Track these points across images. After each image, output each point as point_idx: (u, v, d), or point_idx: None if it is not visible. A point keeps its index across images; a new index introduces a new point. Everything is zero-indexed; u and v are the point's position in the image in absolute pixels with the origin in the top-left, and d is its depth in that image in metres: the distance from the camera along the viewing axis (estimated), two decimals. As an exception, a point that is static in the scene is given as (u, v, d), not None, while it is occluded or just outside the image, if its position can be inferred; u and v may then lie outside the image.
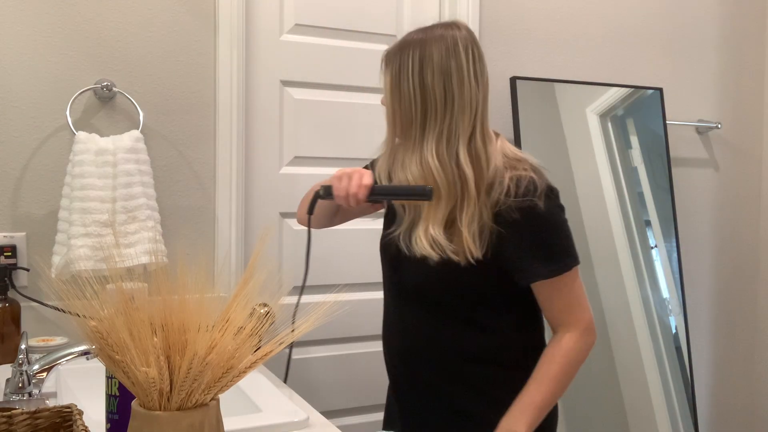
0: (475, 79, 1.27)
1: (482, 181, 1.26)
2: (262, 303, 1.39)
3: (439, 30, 1.29)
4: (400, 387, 1.45)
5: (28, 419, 0.90)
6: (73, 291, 0.79)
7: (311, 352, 2.02)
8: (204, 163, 1.87)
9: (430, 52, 1.26)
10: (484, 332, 1.33)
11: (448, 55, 1.26)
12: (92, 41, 1.74)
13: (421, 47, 1.27)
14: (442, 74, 1.25)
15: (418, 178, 1.27)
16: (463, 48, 1.27)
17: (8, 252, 1.65)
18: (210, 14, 1.86)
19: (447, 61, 1.25)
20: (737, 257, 2.70)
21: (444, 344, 1.35)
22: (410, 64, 1.27)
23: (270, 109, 1.98)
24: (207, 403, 0.80)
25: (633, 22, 2.45)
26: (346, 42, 2.06)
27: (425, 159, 1.26)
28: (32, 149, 1.70)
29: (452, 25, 1.31)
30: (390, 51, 1.32)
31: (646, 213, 2.38)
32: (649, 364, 2.31)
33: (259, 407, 1.32)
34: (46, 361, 1.26)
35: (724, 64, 2.63)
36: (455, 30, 1.29)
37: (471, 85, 1.26)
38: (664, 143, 2.42)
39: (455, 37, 1.27)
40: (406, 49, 1.28)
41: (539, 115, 2.23)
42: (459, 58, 1.26)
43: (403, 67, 1.27)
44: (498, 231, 1.25)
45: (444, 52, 1.26)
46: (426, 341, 1.36)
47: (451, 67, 1.25)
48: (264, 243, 1.93)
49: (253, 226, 1.95)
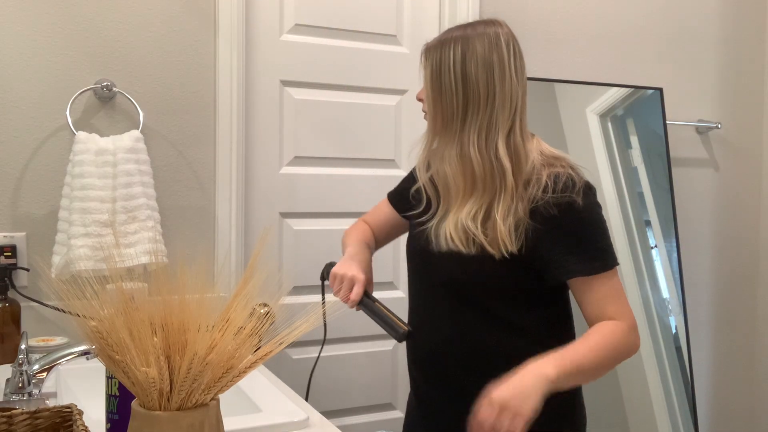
0: (516, 74, 1.30)
1: (520, 175, 1.27)
2: (262, 303, 1.38)
3: (481, 27, 1.31)
4: (423, 388, 1.43)
5: (28, 419, 0.90)
6: (73, 291, 0.79)
7: (311, 352, 2.02)
8: (204, 163, 1.87)
9: (473, 46, 1.28)
10: (514, 331, 1.31)
11: (491, 49, 1.28)
12: (92, 41, 1.74)
13: (464, 42, 1.29)
14: (485, 67, 1.27)
15: (457, 169, 1.29)
16: (505, 43, 1.29)
17: (8, 252, 1.65)
18: (210, 14, 1.86)
19: (490, 54, 1.28)
20: (737, 257, 2.70)
21: (473, 342, 1.33)
22: (452, 57, 1.29)
23: (270, 109, 1.98)
24: (207, 403, 0.80)
25: (633, 22, 2.45)
26: (346, 42, 2.06)
27: (465, 151, 1.28)
28: (32, 149, 1.70)
29: (494, 22, 1.33)
30: (430, 45, 1.34)
31: (646, 213, 2.38)
32: (649, 364, 2.31)
33: (259, 407, 1.32)
34: (46, 361, 1.26)
35: (724, 64, 2.63)
36: (497, 27, 1.31)
37: (512, 79, 1.29)
38: (664, 143, 2.42)
39: (497, 32, 1.30)
40: (448, 43, 1.30)
41: (539, 115, 2.23)
42: (501, 52, 1.28)
43: (444, 60, 1.29)
44: (534, 227, 1.24)
45: (487, 46, 1.28)
46: (455, 338, 1.34)
47: (494, 61, 1.27)
48: (264, 243, 1.93)
49: (253, 226, 1.95)
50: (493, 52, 1.28)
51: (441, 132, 1.32)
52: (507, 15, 2.26)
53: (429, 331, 1.39)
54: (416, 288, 1.43)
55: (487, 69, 1.27)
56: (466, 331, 1.33)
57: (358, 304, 1.37)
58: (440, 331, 1.37)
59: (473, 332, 1.33)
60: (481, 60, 1.27)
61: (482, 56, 1.27)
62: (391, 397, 2.11)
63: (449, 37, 1.31)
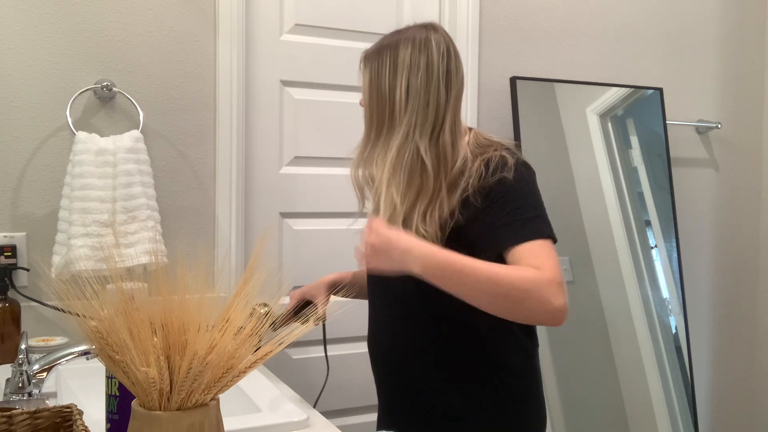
0: (446, 75, 1.30)
1: (446, 173, 1.27)
2: (262, 303, 1.39)
3: (411, 31, 1.33)
4: (384, 391, 1.44)
5: (28, 419, 0.90)
6: (73, 291, 0.79)
7: (311, 352, 2.02)
8: (204, 163, 1.87)
9: (402, 50, 1.30)
10: (465, 330, 1.31)
11: (418, 53, 1.29)
12: (92, 41, 1.74)
13: (393, 48, 1.31)
14: (410, 70, 1.29)
15: (387, 172, 1.29)
16: (435, 45, 1.30)
17: (8, 252, 1.65)
18: (210, 14, 1.86)
19: (416, 58, 1.29)
20: (737, 257, 2.70)
21: (426, 343, 1.34)
22: (384, 64, 1.31)
23: (270, 109, 1.98)
24: (207, 403, 0.80)
25: (633, 21, 2.45)
26: (346, 42, 2.06)
27: (390, 154, 1.29)
28: (32, 149, 1.70)
29: (427, 26, 1.34)
30: (368, 53, 1.36)
31: (646, 213, 2.38)
32: (649, 364, 2.31)
33: (259, 407, 1.32)
34: (46, 361, 1.26)
35: (724, 64, 2.63)
36: (430, 31, 1.32)
37: (439, 82, 1.29)
38: (664, 143, 2.42)
39: (428, 36, 1.31)
40: (384, 50, 1.32)
41: (539, 115, 2.23)
42: (430, 54, 1.29)
43: (378, 67, 1.32)
44: (467, 215, 1.25)
45: (414, 50, 1.29)
46: (408, 340, 1.36)
47: (420, 64, 1.29)
48: (264, 243, 1.93)
49: (253, 226, 1.95)
50: (421, 56, 1.29)
51: (374, 139, 1.34)
52: (507, 15, 2.26)
53: (387, 334, 1.41)
54: (372, 291, 1.45)
55: (410, 72, 1.28)
56: (420, 332, 1.34)
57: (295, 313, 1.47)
58: (396, 334, 1.38)
59: (426, 333, 1.34)
60: (407, 65, 1.29)
61: (408, 61, 1.29)
62: (391, 397, 2.11)
63: (383, 45, 1.33)
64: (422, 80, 1.28)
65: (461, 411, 1.32)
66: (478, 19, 2.18)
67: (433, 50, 1.29)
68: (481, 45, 2.20)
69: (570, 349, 2.18)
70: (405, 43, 1.30)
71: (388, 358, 1.41)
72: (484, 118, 2.20)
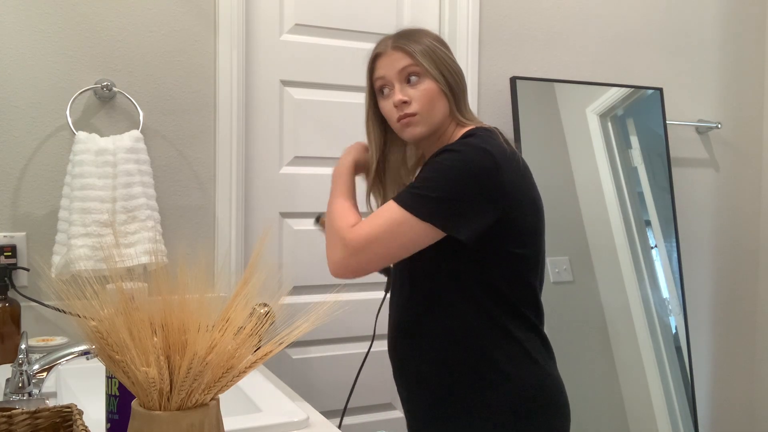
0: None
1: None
2: (262, 303, 1.38)
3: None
4: (395, 374, 1.45)
5: (28, 419, 0.90)
6: (73, 291, 0.79)
7: (311, 352, 2.02)
8: (204, 163, 1.87)
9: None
10: (453, 312, 1.30)
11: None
12: (92, 41, 1.74)
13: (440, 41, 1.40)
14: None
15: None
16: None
17: (8, 252, 1.65)
18: (210, 14, 1.86)
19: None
20: (737, 257, 2.70)
21: (419, 323, 1.35)
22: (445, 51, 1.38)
23: (270, 109, 1.98)
24: (207, 403, 0.80)
25: (633, 22, 2.45)
26: (346, 42, 2.06)
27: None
28: (32, 149, 1.70)
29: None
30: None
31: (646, 213, 2.38)
32: (649, 364, 2.31)
33: (259, 407, 1.31)
34: (46, 361, 1.26)
35: (724, 64, 2.63)
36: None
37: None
38: (664, 143, 2.42)
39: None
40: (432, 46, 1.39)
41: (539, 115, 2.23)
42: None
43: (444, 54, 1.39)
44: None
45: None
46: (409, 323, 1.37)
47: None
48: (264, 243, 1.93)
49: (253, 226, 1.95)
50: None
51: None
52: (507, 15, 2.26)
53: (393, 316, 1.43)
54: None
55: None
56: (416, 312, 1.35)
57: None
58: (398, 316, 1.40)
59: (418, 313, 1.35)
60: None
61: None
62: (391, 397, 2.11)
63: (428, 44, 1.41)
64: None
65: (459, 392, 1.31)
66: (478, 19, 2.18)
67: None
68: (481, 45, 2.20)
69: (570, 349, 2.18)
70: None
71: (393, 339, 1.42)
72: (484, 118, 2.18)
